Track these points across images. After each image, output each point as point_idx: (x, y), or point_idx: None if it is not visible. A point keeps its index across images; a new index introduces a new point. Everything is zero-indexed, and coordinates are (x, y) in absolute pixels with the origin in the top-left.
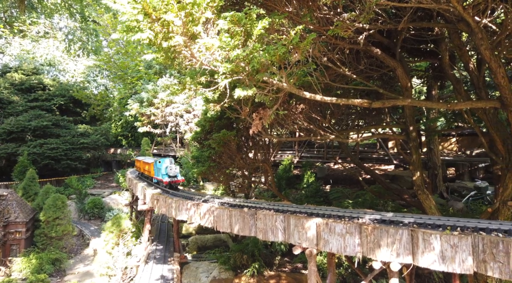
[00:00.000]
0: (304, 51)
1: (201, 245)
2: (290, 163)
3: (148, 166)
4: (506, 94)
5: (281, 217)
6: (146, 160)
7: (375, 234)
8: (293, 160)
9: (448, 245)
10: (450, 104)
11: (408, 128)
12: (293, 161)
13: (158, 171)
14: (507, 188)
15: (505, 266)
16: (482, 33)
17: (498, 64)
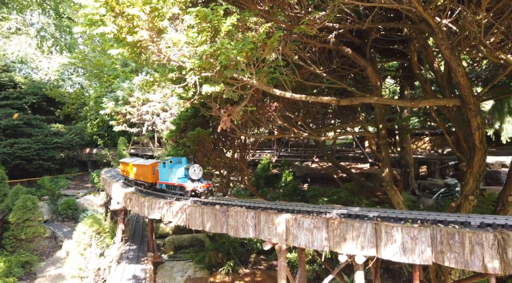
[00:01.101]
0: (271, 49)
1: (177, 245)
2: (268, 162)
3: (144, 169)
4: (465, 92)
5: (252, 213)
6: (138, 162)
7: (341, 228)
8: (271, 159)
9: (409, 237)
10: (414, 102)
11: (377, 126)
12: (272, 160)
13: (170, 174)
14: (468, 183)
15: (460, 256)
16: (442, 33)
17: (457, 64)
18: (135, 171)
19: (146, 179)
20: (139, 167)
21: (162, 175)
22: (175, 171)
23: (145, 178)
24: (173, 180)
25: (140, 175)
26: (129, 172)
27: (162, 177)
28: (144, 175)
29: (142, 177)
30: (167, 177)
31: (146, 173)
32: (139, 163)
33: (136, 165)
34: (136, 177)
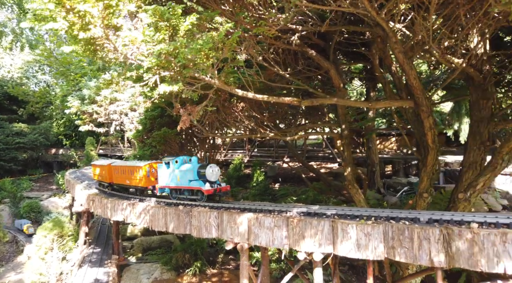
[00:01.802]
0: (231, 49)
1: (146, 247)
2: (240, 162)
3: (133, 171)
4: (418, 94)
5: (215, 213)
6: (120, 163)
7: (300, 226)
8: (243, 159)
9: (363, 234)
10: (371, 103)
11: (340, 127)
12: (244, 160)
13: (177, 176)
14: (422, 181)
15: (410, 251)
16: (396, 37)
17: (410, 67)
18: (119, 174)
19: (136, 183)
20: (125, 170)
21: (164, 177)
22: (186, 172)
23: (135, 182)
24: (182, 182)
25: (126, 178)
26: (107, 176)
27: (164, 179)
28: (133, 179)
29: (130, 181)
30: (173, 179)
31: (137, 176)
32: (124, 165)
33: (120, 167)
34: (119, 181)
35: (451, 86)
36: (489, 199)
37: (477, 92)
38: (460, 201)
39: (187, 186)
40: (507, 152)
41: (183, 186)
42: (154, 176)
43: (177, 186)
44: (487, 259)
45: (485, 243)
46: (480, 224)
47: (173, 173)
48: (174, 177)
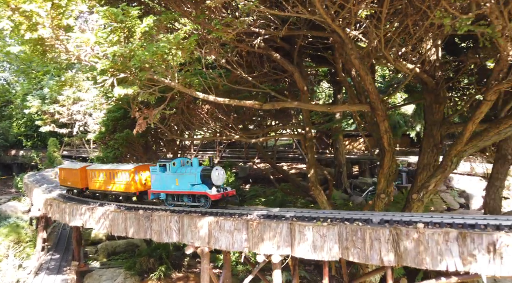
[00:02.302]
0: (188, 51)
1: (111, 251)
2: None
3: (118, 175)
4: (373, 99)
5: (175, 217)
6: (97, 166)
7: (260, 229)
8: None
9: (318, 235)
10: (330, 107)
11: (304, 129)
12: (214, 161)
13: (175, 180)
14: (380, 183)
15: (362, 251)
16: (352, 43)
17: (366, 72)
18: (97, 178)
19: (121, 188)
20: (106, 173)
21: (158, 181)
22: (187, 176)
23: (119, 187)
24: (182, 187)
25: (107, 184)
26: (79, 181)
27: (159, 184)
28: (116, 184)
29: (112, 187)
30: (170, 183)
31: (122, 180)
32: (105, 168)
33: (99, 171)
34: (98, 187)
35: (413, 89)
36: (448, 198)
37: (430, 97)
38: (414, 201)
39: (188, 191)
40: (455, 154)
41: (184, 190)
42: (142, 180)
43: (175, 191)
44: (431, 257)
45: (430, 242)
46: (426, 224)
47: (170, 177)
48: (172, 181)
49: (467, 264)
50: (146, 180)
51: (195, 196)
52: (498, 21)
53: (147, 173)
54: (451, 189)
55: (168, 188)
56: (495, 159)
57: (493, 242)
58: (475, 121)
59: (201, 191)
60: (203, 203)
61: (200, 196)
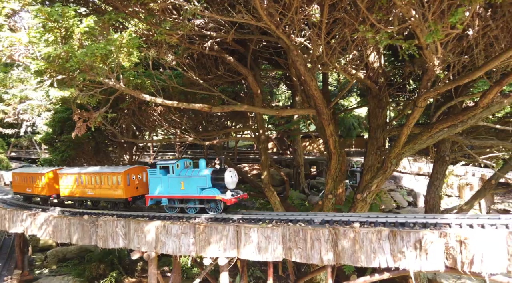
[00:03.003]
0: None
1: (61, 258)
2: None
3: (105, 178)
4: (319, 104)
5: (122, 222)
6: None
7: (206, 232)
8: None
9: (263, 237)
10: (278, 111)
11: (258, 131)
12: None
13: (181, 183)
14: (327, 184)
15: (304, 251)
16: (297, 50)
17: (311, 78)
18: (74, 183)
19: (110, 194)
20: (89, 178)
21: (159, 185)
22: (195, 179)
23: (108, 192)
24: (189, 191)
25: (92, 189)
26: (46, 187)
27: (160, 188)
28: (103, 189)
29: (97, 192)
30: (175, 187)
31: (111, 185)
32: (88, 172)
33: (77, 175)
34: (76, 193)
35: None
36: (397, 197)
37: (374, 102)
38: (358, 201)
39: (198, 196)
40: (394, 156)
41: (192, 195)
42: (135, 184)
43: (181, 195)
44: (366, 255)
45: (364, 241)
46: (362, 224)
47: (174, 180)
48: (176, 184)
49: (397, 260)
50: (139, 184)
51: (204, 201)
52: (423, 34)
53: (140, 176)
54: (401, 188)
55: (172, 192)
56: (435, 160)
57: (419, 239)
58: (409, 126)
59: (213, 195)
60: (214, 208)
61: (210, 200)
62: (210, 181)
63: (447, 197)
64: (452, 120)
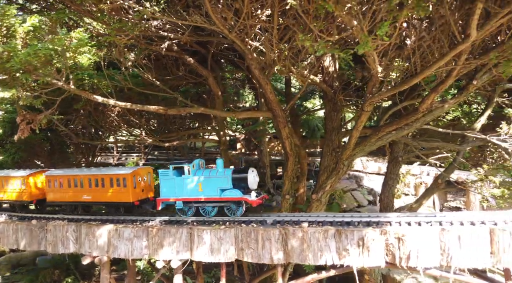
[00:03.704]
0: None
1: (15, 264)
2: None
3: (108, 181)
4: (274, 107)
5: (73, 226)
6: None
7: (160, 235)
8: (139, 162)
9: (216, 238)
10: (235, 113)
11: (219, 133)
12: (139, 164)
13: (198, 185)
14: (285, 184)
15: (255, 251)
16: (251, 54)
17: (266, 82)
18: (66, 187)
19: (114, 197)
20: (87, 180)
21: (172, 187)
22: (214, 180)
23: (114, 196)
24: (210, 193)
25: (90, 193)
26: (29, 191)
27: (173, 190)
28: (106, 192)
29: (101, 197)
30: (191, 189)
31: (116, 187)
32: (84, 174)
33: (73, 177)
34: (68, 198)
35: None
36: (358, 196)
37: (330, 105)
38: (313, 201)
39: (218, 197)
40: (346, 158)
41: (211, 197)
42: (141, 186)
43: (199, 197)
44: (313, 253)
45: (312, 240)
46: (310, 223)
47: (190, 181)
48: (192, 186)
49: (342, 258)
50: (144, 186)
51: (223, 203)
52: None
53: (146, 177)
54: (362, 187)
55: (188, 194)
56: (389, 160)
57: (362, 237)
58: (358, 129)
59: (237, 197)
60: (234, 210)
61: (230, 202)
62: (231, 181)
63: (405, 196)
64: (397, 124)
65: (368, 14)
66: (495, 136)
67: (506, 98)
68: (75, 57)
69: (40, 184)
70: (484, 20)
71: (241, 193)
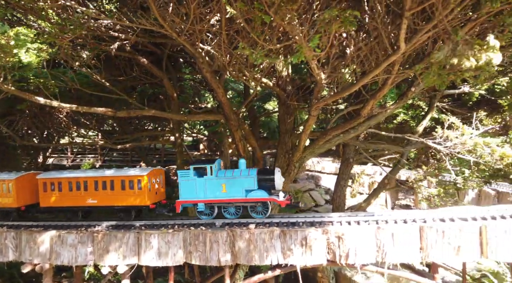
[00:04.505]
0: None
1: None
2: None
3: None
4: (226, 110)
5: (12, 234)
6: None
7: (105, 240)
8: (95, 164)
9: (164, 242)
10: (187, 116)
11: (174, 135)
12: (95, 165)
13: (222, 186)
14: None
15: (203, 254)
16: (202, 58)
17: (218, 85)
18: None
19: (129, 201)
20: (95, 181)
21: (193, 189)
22: (240, 180)
23: (125, 200)
24: (234, 194)
25: (100, 195)
26: (13, 197)
27: (194, 192)
28: (116, 196)
29: (109, 200)
30: (214, 191)
31: (130, 190)
32: (91, 175)
33: (73, 179)
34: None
35: None
36: (316, 195)
37: (283, 108)
38: None
39: (244, 198)
40: (297, 160)
41: (237, 198)
42: (155, 189)
43: (223, 199)
44: (259, 254)
45: (258, 241)
46: (257, 225)
47: (213, 182)
48: (216, 187)
49: (287, 257)
50: (158, 188)
51: (247, 205)
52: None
53: (159, 179)
54: (319, 187)
55: (210, 196)
56: (341, 161)
57: (305, 237)
58: (306, 132)
59: (264, 197)
60: (259, 212)
61: (255, 203)
62: (256, 182)
63: (360, 195)
64: (342, 127)
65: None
66: (431, 140)
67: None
68: (14, 55)
69: (29, 188)
70: (412, 34)
71: (267, 194)
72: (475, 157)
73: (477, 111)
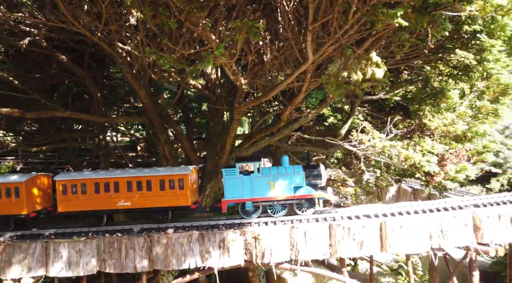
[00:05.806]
0: None
1: None
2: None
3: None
4: (150, 112)
5: None
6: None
7: (8, 251)
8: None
9: (74, 251)
10: (108, 118)
11: (98, 136)
12: (16, 168)
13: (270, 183)
14: None
15: (118, 261)
16: (121, 58)
17: (139, 87)
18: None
19: (169, 202)
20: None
21: (239, 188)
22: (289, 177)
23: (165, 201)
24: (283, 191)
25: (133, 196)
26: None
27: (240, 191)
28: (150, 196)
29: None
30: (262, 188)
31: (169, 190)
32: (121, 176)
33: (101, 181)
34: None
35: None
36: None
37: (212, 111)
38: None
39: (293, 195)
40: (223, 163)
41: (286, 195)
42: (194, 188)
43: (271, 197)
44: (177, 258)
45: (176, 245)
46: (177, 229)
47: (261, 180)
48: (264, 185)
49: (205, 260)
50: (196, 187)
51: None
52: None
53: (195, 178)
54: None
55: (259, 194)
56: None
57: (223, 239)
58: (231, 136)
59: (314, 194)
60: (305, 208)
61: (300, 200)
62: (304, 178)
63: None
64: (266, 131)
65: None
66: (348, 143)
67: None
68: None
69: (41, 191)
70: (318, 46)
71: (310, 190)
72: (386, 159)
73: (393, 116)
